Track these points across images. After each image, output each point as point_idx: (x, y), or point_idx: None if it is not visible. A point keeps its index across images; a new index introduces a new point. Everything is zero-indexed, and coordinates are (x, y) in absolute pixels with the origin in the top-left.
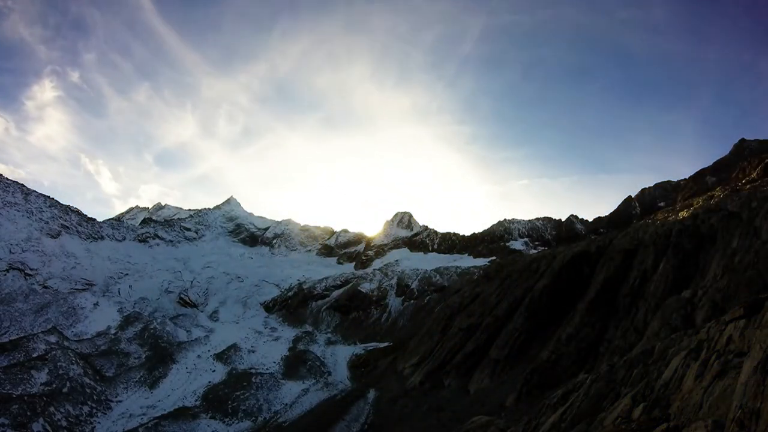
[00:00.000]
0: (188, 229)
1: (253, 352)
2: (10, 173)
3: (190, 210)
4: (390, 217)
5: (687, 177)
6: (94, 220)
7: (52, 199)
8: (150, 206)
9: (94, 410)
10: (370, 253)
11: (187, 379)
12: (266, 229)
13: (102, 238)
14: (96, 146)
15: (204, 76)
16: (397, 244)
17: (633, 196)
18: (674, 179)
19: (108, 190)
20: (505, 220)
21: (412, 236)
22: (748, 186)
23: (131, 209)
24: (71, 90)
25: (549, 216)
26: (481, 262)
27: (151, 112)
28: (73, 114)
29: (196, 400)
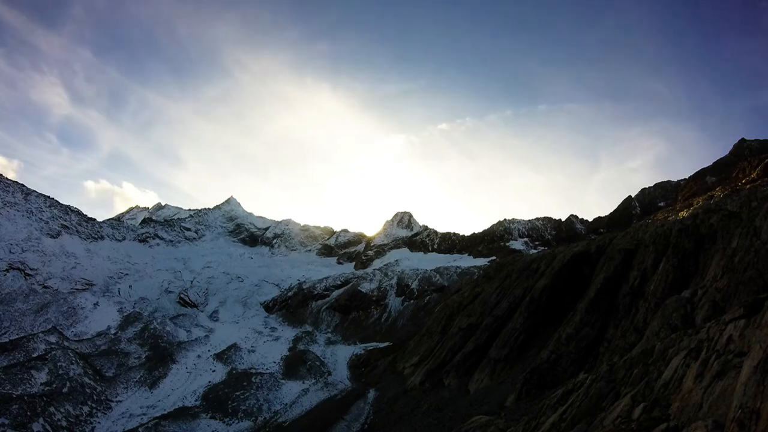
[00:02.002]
0: (188, 229)
1: (253, 352)
2: None
3: (190, 210)
4: (390, 217)
5: (687, 177)
6: (94, 220)
7: (52, 199)
8: (150, 206)
9: (94, 410)
10: (370, 253)
11: (187, 379)
12: (266, 229)
13: (102, 238)
14: None
15: None
16: (397, 244)
17: (633, 196)
18: (674, 179)
19: None
20: (505, 220)
21: (412, 236)
22: (748, 186)
23: (131, 209)
24: None
25: (549, 216)
26: (481, 262)
27: None
28: None
29: (196, 400)
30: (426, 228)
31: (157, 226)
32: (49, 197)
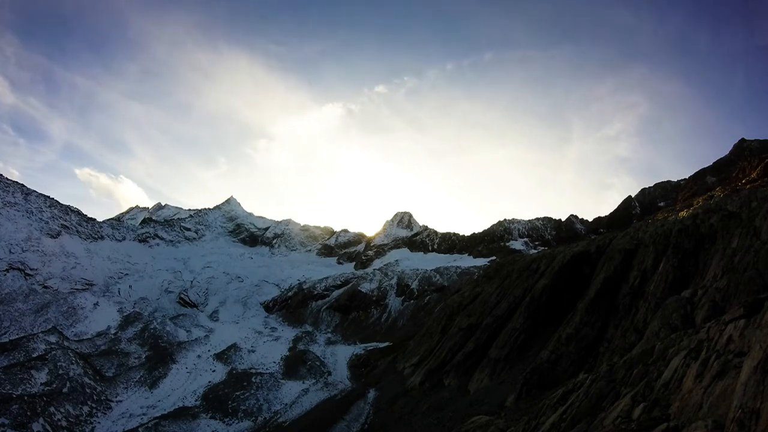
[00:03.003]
0: (188, 229)
1: (253, 352)
2: None
3: (190, 210)
4: (390, 217)
5: (687, 177)
6: (94, 220)
7: (52, 199)
8: (150, 206)
9: (94, 410)
10: (370, 253)
11: (187, 379)
12: (266, 229)
13: (102, 238)
14: None
15: None
16: (397, 244)
17: (633, 196)
18: (674, 179)
19: None
20: (505, 220)
21: (412, 236)
22: (748, 186)
23: (131, 209)
24: None
25: (549, 216)
26: (481, 262)
27: None
28: None
29: (196, 400)
30: (426, 228)
31: (157, 226)
32: (49, 197)
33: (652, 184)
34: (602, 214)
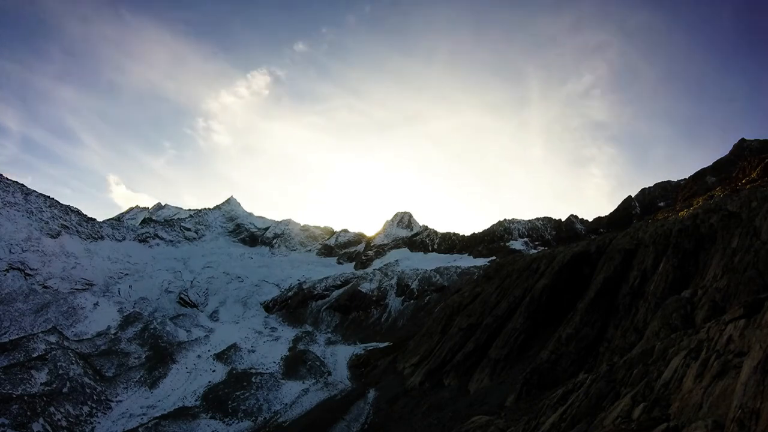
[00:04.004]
0: (188, 229)
1: (253, 352)
2: None
3: (190, 210)
4: (390, 217)
5: (687, 177)
6: (94, 220)
7: (52, 199)
8: (150, 206)
9: (94, 410)
10: (370, 253)
11: (187, 379)
12: (266, 229)
13: (102, 238)
14: None
15: None
16: (397, 244)
17: (633, 196)
18: (674, 179)
19: None
20: (505, 220)
21: (412, 236)
22: (748, 186)
23: (131, 209)
24: None
25: (549, 216)
26: (481, 262)
27: None
28: None
29: (196, 400)
30: (426, 228)
31: (157, 226)
32: (49, 197)
33: (652, 184)
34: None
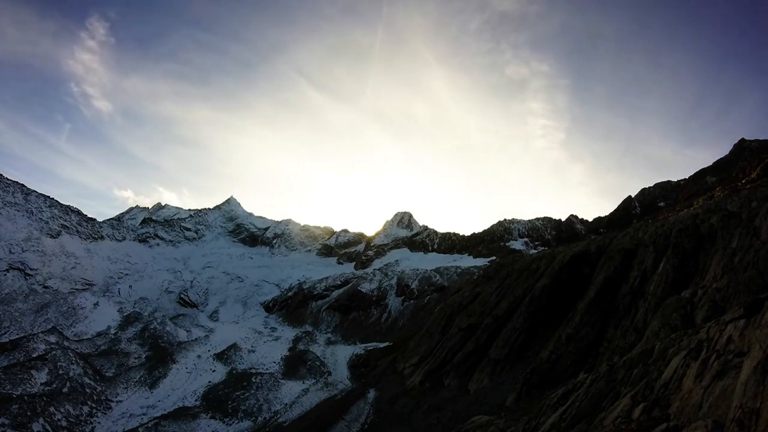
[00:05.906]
0: (188, 229)
1: (253, 352)
2: None
3: (190, 210)
4: (390, 217)
5: (687, 177)
6: (94, 220)
7: (52, 199)
8: (150, 206)
9: (94, 410)
10: (370, 253)
11: (187, 379)
12: (266, 229)
13: (102, 238)
14: None
15: None
16: (397, 244)
17: (633, 196)
18: (674, 179)
19: None
20: (505, 220)
21: (412, 236)
22: (748, 186)
23: (131, 209)
24: None
25: (549, 216)
26: (481, 262)
27: None
28: None
29: (196, 400)
30: (426, 228)
31: (157, 226)
32: (49, 197)
33: (652, 184)
34: (602, 214)
